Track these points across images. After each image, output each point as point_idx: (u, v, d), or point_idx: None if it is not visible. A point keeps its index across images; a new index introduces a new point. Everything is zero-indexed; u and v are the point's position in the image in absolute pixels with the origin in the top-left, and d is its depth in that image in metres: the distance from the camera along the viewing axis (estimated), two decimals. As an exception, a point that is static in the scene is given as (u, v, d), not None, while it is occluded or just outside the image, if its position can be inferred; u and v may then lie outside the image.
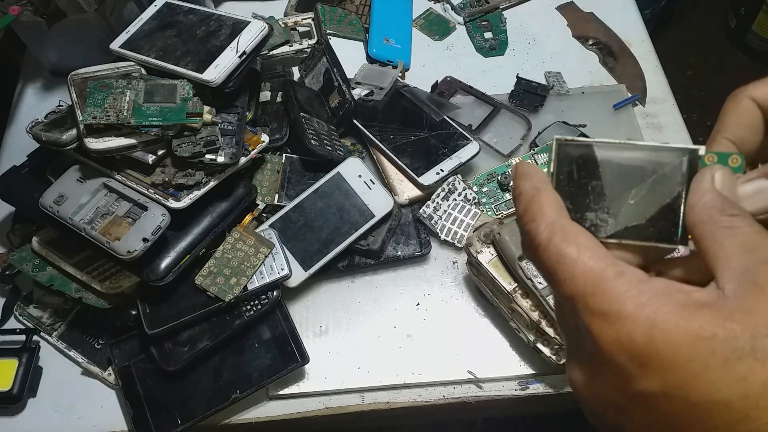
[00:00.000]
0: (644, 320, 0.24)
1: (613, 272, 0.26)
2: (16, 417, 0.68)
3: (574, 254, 0.27)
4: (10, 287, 0.73)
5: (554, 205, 0.30)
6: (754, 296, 0.24)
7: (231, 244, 0.67)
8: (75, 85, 0.65)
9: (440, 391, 0.67)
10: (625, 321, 0.25)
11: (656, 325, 0.24)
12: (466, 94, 0.85)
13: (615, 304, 0.25)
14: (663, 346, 0.24)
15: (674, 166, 0.31)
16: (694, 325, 0.24)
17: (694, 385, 0.24)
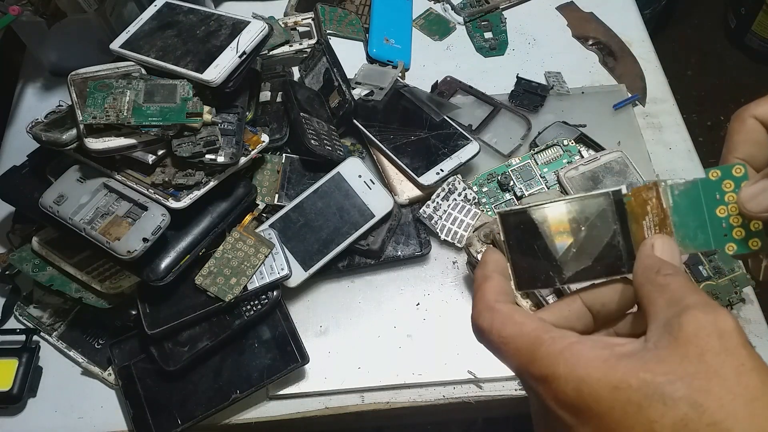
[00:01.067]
0: (573, 378, 0.28)
1: (547, 337, 0.30)
2: (16, 417, 0.68)
3: (513, 332, 0.31)
4: (10, 287, 0.73)
5: (494, 291, 0.34)
6: (668, 347, 0.27)
7: (231, 244, 0.67)
8: (75, 85, 0.65)
9: (440, 391, 0.67)
10: (558, 381, 0.28)
11: (583, 381, 0.28)
12: (466, 94, 0.85)
13: (550, 368, 0.29)
14: (589, 399, 0.27)
15: (603, 210, 0.34)
16: (613, 377, 0.27)
17: (618, 429, 0.27)
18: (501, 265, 0.36)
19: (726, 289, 0.66)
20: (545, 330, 0.31)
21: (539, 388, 0.30)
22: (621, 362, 0.28)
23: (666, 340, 0.28)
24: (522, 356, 0.31)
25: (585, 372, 0.28)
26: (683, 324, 0.28)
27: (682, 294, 0.29)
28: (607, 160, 0.74)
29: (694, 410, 0.25)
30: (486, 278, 0.35)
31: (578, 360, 0.28)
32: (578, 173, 0.68)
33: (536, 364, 0.30)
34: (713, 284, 0.66)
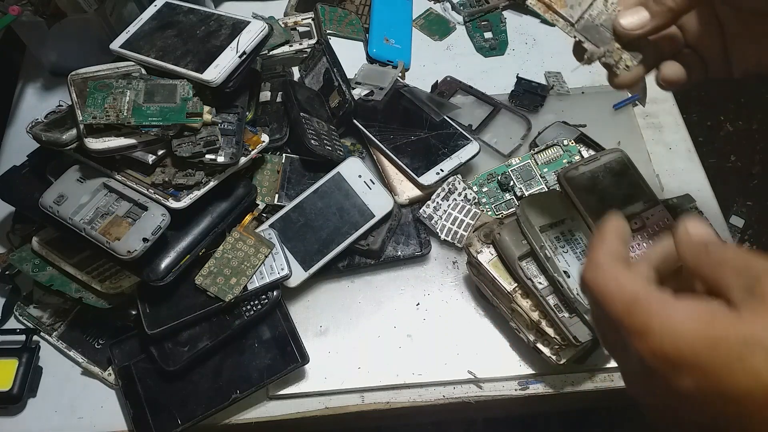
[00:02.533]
0: (669, 332, 0.30)
1: (643, 294, 0.32)
2: (16, 417, 0.68)
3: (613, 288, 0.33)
4: (10, 287, 0.73)
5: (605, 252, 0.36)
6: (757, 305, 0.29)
7: (231, 244, 0.67)
8: (75, 85, 0.65)
9: (440, 391, 0.67)
10: (654, 336, 0.30)
11: (679, 336, 0.30)
12: (466, 94, 0.85)
13: (645, 323, 0.31)
14: (687, 352, 0.29)
15: None
16: (711, 332, 0.29)
17: (720, 380, 0.29)
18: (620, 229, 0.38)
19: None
20: (644, 287, 0.32)
21: (635, 342, 0.31)
22: (716, 317, 0.30)
23: (753, 301, 0.30)
24: (618, 310, 0.32)
25: (681, 327, 0.30)
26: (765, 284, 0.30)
27: (746, 261, 0.31)
28: (607, 161, 0.74)
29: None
30: (601, 240, 0.37)
31: (673, 315, 0.30)
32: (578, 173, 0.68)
33: (632, 318, 0.31)
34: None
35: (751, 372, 0.28)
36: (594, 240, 0.38)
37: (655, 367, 0.31)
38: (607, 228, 0.38)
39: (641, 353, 0.31)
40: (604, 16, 0.46)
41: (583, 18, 0.46)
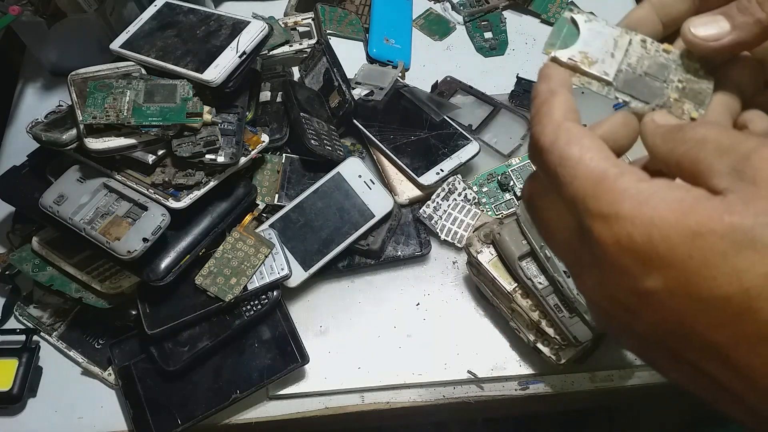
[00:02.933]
0: (642, 220, 0.25)
1: (614, 172, 0.26)
2: (16, 417, 0.68)
3: (576, 155, 0.28)
4: (10, 287, 0.73)
5: (563, 108, 0.30)
6: (748, 189, 0.24)
7: (231, 244, 0.67)
8: (75, 85, 0.65)
9: (440, 391, 0.67)
10: (624, 221, 0.25)
11: (654, 224, 0.24)
12: (466, 94, 0.85)
13: (614, 205, 0.26)
14: (662, 246, 0.24)
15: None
16: (692, 221, 0.24)
17: (696, 281, 0.24)
18: (566, 80, 0.32)
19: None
20: (613, 163, 0.27)
21: (598, 228, 0.26)
22: (700, 204, 0.24)
23: (741, 185, 0.24)
24: (581, 185, 0.27)
25: (657, 213, 0.25)
26: (756, 165, 0.24)
27: (729, 139, 0.26)
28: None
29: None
30: (553, 92, 0.31)
31: (649, 199, 0.25)
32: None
33: (598, 198, 0.26)
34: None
35: (733, 273, 0.23)
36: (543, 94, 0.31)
37: (617, 259, 0.26)
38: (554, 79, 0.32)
39: (603, 242, 0.26)
40: (647, 62, 0.35)
41: (622, 71, 0.35)
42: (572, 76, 0.35)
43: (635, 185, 0.26)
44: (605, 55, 0.36)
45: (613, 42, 0.36)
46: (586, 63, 0.35)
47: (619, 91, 0.35)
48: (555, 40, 0.36)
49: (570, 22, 0.36)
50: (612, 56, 0.36)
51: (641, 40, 0.36)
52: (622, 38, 0.36)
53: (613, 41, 0.36)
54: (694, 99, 0.34)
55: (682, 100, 0.34)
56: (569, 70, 0.35)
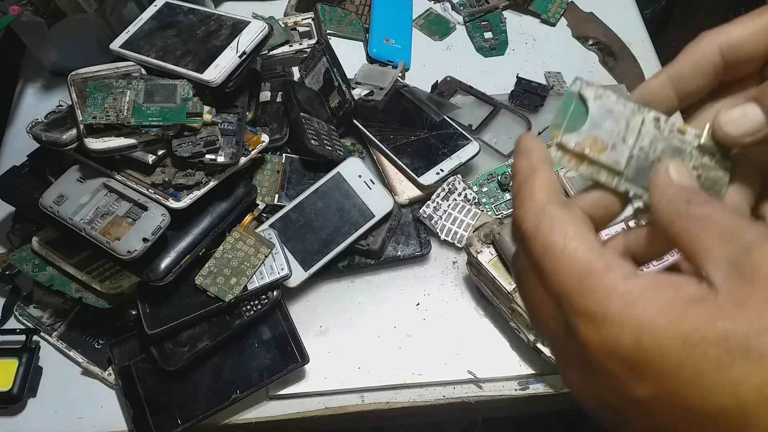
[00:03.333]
0: (631, 323, 0.23)
1: (600, 266, 0.25)
2: (16, 417, 0.68)
3: (560, 245, 0.26)
4: (10, 287, 0.73)
5: (545, 189, 0.28)
6: (743, 288, 0.23)
7: (231, 244, 0.67)
8: (75, 85, 0.65)
9: (440, 391, 0.67)
10: (611, 324, 0.24)
11: (643, 329, 0.23)
12: (466, 94, 0.85)
13: (600, 305, 0.24)
14: (652, 352, 0.23)
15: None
16: (684, 327, 0.23)
17: (688, 392, 0.22)
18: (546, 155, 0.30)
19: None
20: (599, 255, 0.25)
21: (584, 329, 0.24)
22: (691, 307, 0.23)
23: (739, 283, 0.23)
24: (566, 280, 0.25)
25: (646, 317, 0.23)
26: (756, 262, 0.23)
27: (733, 226, 0.24)
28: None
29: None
30: (533, 170, 0.29)
31: (637, 300, 0.24)
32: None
33: (583, 296, 0.25)
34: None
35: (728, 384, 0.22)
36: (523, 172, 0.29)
37: (604, 363, 0.24)
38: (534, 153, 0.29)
39: (589, 343, 0.24)
40: (661, 145, 0.31)
41: (633, 156, 0.31)
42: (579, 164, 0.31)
43: (623, 283, 0.24)
44: (617, 138, 0.31)
45: (625, 123, 0.31)
46: (596, 149, 0.31)
47: (629, 182, 0.31)
48: (561, 120, 0.32)
49: (578, 98, 0.32)
50: (624, 140, 0.31)
51: (654, 118, 0.31)
52: (635, 118, 0.31)
53: (625, 122, 0.31)
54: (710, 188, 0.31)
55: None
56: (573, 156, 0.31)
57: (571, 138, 0.31)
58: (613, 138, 0.31)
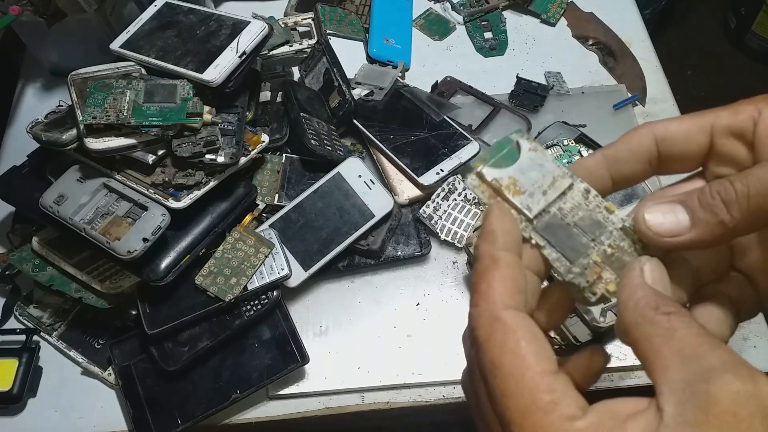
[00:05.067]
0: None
1: (546, 401, 0.24)
2: (16, 417, 0.68)
3: (509, 367, 0.25)
4: (10, 287, 0.73)
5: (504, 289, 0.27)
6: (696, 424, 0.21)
7: (231, 244, 0.67)
8: (75, 85, 0.65)
9: (440, 391, 0.67)
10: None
11: None
12: (466, 94, 0.85)
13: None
14: None
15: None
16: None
17: None
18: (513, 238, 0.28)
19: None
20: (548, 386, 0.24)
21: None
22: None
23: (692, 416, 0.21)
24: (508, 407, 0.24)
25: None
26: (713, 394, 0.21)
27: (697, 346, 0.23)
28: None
29: None
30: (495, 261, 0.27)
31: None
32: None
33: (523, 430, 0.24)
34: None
35: None
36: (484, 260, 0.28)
37: None
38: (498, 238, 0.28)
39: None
40: (582, 213, 0.31)
41: (549, 212, 0.31)
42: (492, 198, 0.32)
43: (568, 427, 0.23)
44: (537, 189, 0.32)
45: (551, 179, 0.32)
46: (511, 190, 0.32)
47: (536, 232, 0.31)
48: (490, 157, 0.33)
49: (514, 145, 0.33)
50: (544, 194, 0.32)
51: (585, 189, 0.32)
52: (563, 180, 0.32)
53: (552, 179, 0.32)
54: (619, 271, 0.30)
55: (603, 266, 0.31)
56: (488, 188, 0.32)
57: (492, 172, 0.32)
58: (533, 188, 0.32)
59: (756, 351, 0.68)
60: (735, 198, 0.26)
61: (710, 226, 0.27)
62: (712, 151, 0.30)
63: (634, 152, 0.32)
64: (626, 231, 0.31)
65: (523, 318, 0.26)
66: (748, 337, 0.68)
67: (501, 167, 0.32)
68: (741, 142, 0.30)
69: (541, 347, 0.25)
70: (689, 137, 0.30)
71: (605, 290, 0.30)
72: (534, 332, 0.26)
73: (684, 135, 0.30)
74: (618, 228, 0.31)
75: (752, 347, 0.68)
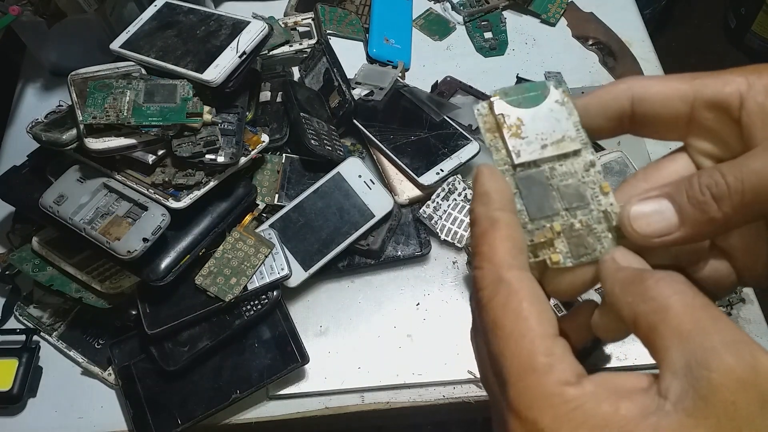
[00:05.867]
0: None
1: (543, 363, 0.23)
2: (16, 417, 0.68)
3: (509, 327, 0.25)
4: (10, 287, 0.73)
5: (506, 246, 0.26)
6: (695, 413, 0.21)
7: (231, 244, 0.67)
8: (75, 85, 0.65)
9: (440, 391, 0.67)
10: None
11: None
12: (466, 94, 0.85)
13: (533, 410, 0.23)
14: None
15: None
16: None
17: None
18: (508, 197, 0.28)
19: (726, 289, 0.66)
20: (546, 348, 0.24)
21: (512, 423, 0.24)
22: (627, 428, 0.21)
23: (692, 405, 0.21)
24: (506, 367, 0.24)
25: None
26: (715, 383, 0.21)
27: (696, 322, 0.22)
28: (607, 160, 0.75)
29: None
30: (493, 222, 0.27)
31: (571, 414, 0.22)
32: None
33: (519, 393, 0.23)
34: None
35: None
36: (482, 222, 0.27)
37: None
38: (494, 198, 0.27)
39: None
40: (571, 181, 0.30)
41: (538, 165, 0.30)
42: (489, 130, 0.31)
43: (561, 391, 0.23)
44: (538, 139, 0.30)
45: (558, 137, 0.30)
46: (512, 130, 0.30)
47: (513, 180, 0.30)
48: (513, 93, 0.32)
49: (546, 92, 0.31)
50: (542, 147, 0.30)
51: (590, 161, 0.30)
52: (571, 143, 0.30)
53: (560, 137, 0.30)
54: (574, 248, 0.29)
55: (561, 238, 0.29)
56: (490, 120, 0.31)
57: (503, 106, 0.31)
58: (536, 137, 0.30)
59: (756, 351, 0.68)
60: (727, 194, 0.25)
61: (700, 224, 0.26)
62: (692, 122, 0.28)
63: (605, 108, 0.30)
64: (607, 217, 0.29)
65: (528, 279, 0.26)
66: (748, 337, 0.68)
67: (516, 105, 0.31)
68: (726, 117, 0.27)
69: (543, 310, 0.25)
70: (667, 104, 0.29)
71: (548, 258, 0.29)
72: (537, 294, 0.26)
73: (662, 101, 0.29)
74: (601, 210, 0.29)
75: (752, 347, 0.68)
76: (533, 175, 0.30)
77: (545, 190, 0.30)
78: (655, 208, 0.27)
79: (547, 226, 0.29)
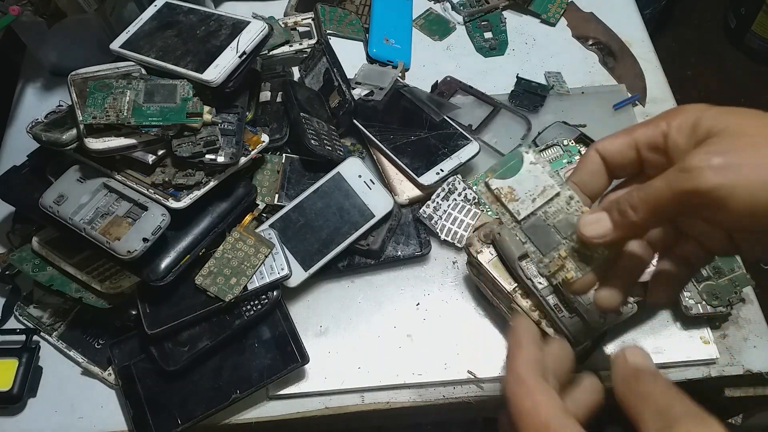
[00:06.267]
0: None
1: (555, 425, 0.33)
2: (16, 417, 0.68)
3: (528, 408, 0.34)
4: (10, 287, 0.73)
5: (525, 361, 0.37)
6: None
7: (231, 244, 0.67)
8: (75, 85, 0.65)
9: (440, 391, 0.67)
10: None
11: None
12: (466, 94, 0.85)
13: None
14: None
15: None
16: None
17: None
18: (532, 331, 0.38)
19: (726, 289, 0.66)
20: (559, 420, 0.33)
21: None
22: None
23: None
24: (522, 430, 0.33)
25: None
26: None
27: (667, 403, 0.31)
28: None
29: None
30: (518, 345, 0.37)
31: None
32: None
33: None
34: (713, 284, 0.66)
35: None
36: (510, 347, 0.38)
37: None
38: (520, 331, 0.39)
39: None
40: (561, 216, 0.41)
41: (535, 215, 0.41)
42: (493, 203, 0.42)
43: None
44: (528, 197, 0.41)
45: (542, 189, 0.41)
46: (509, 198, 0.41)
47: (522, 232, 0.41)
48: (499, 169, 0.42)
49: (520, 158, 0.42)
50: (533, 201, 0.41)
51: (569, 196, 0.41)
52: (551, 189, 0.41)
53: (542, 188, 0.41)
54: (579, 263, 0.40)
55: (567, 259, 0.40)
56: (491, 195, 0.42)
57: (496, 182, 0.42)
58: (525, 195, 0.41)
59: (756, 351, 0.68)
60: (637, 204, 0.37)
61: (625, 226, 0.38)
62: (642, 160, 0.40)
63: (592, 172, 0.42)
64: None
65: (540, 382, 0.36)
66: (748, 338, 0.68)
67: (504, 178, 0.41)
68: (658, 152, 0.38)
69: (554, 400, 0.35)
70: (622, 153, 0.40)
71: (564, 277, 0.41)
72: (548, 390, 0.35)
73: (618, 151, 0.40)
74: None
75: (752, 347, 0.68)
76: (534, 222, 0.41)
77: (546, 230, 0.41)
78: (597, 218, 0.39)
79: (555, 255, 0.40)
